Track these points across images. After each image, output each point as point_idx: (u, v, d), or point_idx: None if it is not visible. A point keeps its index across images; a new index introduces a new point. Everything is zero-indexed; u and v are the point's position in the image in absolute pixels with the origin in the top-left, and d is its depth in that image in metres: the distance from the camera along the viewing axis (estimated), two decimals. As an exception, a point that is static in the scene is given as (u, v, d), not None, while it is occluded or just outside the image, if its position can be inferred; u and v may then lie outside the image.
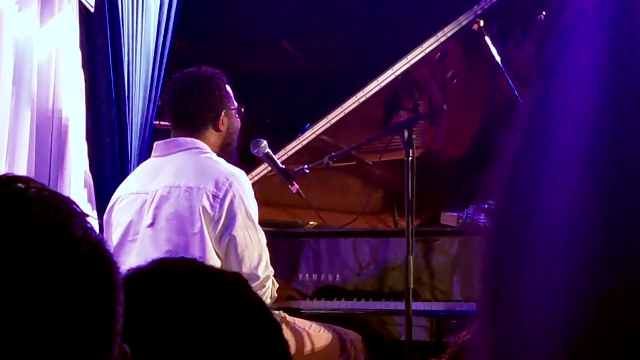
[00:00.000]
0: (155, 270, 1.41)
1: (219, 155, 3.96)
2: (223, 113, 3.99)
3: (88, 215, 1.08)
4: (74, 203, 1.08)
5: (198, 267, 1.43)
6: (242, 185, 3.85)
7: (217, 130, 3.99)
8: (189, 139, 3.94)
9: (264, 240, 3.89)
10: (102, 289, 1.03)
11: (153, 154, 4.04)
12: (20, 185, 1.04)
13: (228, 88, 4.06)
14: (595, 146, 0.74)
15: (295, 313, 4.43)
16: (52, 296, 0.99)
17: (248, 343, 1.36)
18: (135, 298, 1.33)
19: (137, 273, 1.40)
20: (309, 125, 4.98)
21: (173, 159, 3.92)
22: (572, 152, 0.74)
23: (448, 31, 4.96)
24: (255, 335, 1.38)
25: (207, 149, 3.93)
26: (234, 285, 1.42)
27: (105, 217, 4.00)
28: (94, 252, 1.04)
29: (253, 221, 3.84)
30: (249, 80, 4.29)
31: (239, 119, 4.08)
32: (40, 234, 1.01)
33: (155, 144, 4.06)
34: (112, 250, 1.09)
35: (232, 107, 4.04)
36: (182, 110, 3.99)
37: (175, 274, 1.40)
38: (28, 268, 0.98)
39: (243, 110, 4.12)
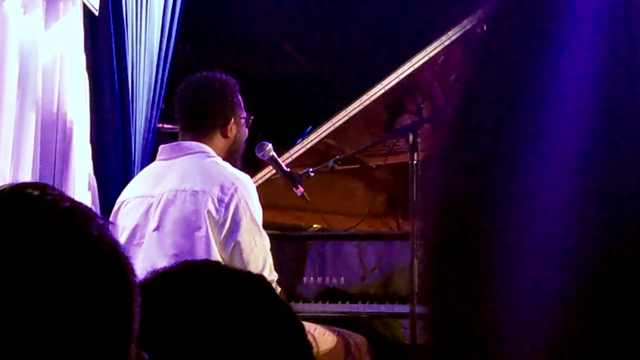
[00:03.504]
0: (182, 272, 1.40)
1: (224, 160, 3.96)
2: (232, 120, 3.98)
3: (104, 219, 1.08)
4: (90, 208, 1.09)
5: (224, 269, 1.44)
6: (247, 189, 3.84)
7: (225, 136, 3.98)
8: (194, 143, 3.93)
9: (268, 245, 3.88)
10: (118, 288, 1.04)
11: (158, 157, 4.03)
12: (36, 192, 1.05)
13: (239, 96, 4.05)
14: (590, 146, 0.74)
15: (300, 316, 4.42)
16: (68, 295, 0.99)
17: (274, 345, 1.37)
18: (162, 299, 1.34)
19: (163, 274, 1.40)
20: (309, 129, 4.98)
21: (178, 162, 3.91)
22: (567, 153, 0.74)
23: (452, 34, 4.96)
24: (281, 337, 1.38)
25: (213, 152, 3.92)
26: (260, 286, 1.42)
27: (111, 219, 3.99)
28: (110, 252, 1.04)
29: (258, 225, 3.83)
30: (252, 83, 4.29)
31: (246, 128, 4.07)
32: (57, 234, 1.01)
33: (161, 147, 4.05)
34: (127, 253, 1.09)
35: (242, 116, 4.03)
36: (192, 113, 3.97)
37: (202, 276, 1.40)
38: (44, 266, 0.99)
39: (252, 119, 4.10)
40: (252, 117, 4.10)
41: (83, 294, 1.00)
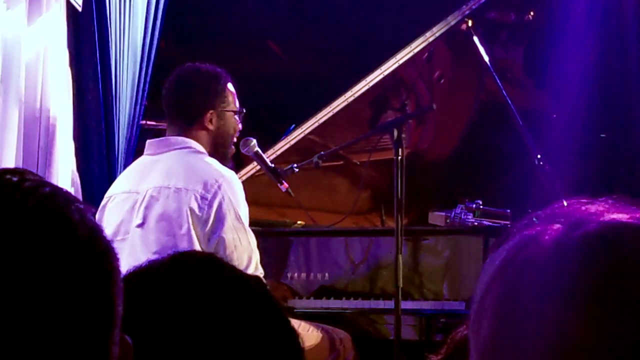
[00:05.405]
0: (168, 263, 1.40)
1: (212, 155, 3.92)
2: (210, 111, 3.94)
3: (85, 203, 1.08)
4: (70, 192, 1.08)
5: (213, 260, 1.43)
6: (231, 186, 3.81)
7: (203, 128, 3.94)
8: (180, 138, 3.91)
9: (254, 242, 3.85)
10: (99, 273, 1.03)
11: (145, 152, 4.01)
12: (15, 177, 1.04)
13: (230, 87, 4.00)
14: None
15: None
16: (48, 279, 0.98)
17: (261, 335, 1.36)
18: (148, 291, 1.34)
19: (149, 266, 1.39)
20: (293, 126, 4.98)
21: (164, 158, 3.89)
22: None
23: (436, 31, 4.96)
24: (269, 327, 1.38)
25: (200, 147, 3.89)
26: (253, 287, 1.42)
27: (97, 215, 3.97)
28: (91, 236, 1.03)
29: (242, 223, 3.81)
30: (235, 80, 4.28)
31: (238, 122, 4.02)
32: (37, 219, 1.00)
33: (148, 141, 4.03)
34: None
35: (226, 107, 3.98)
36: (173, 106, 3.96)
37: (189, 267, 1.39)
38: (24, 251, 0.98)
39: (243, 112, 4.05)
40: (244, 111, 4.05)
41: (64, 278, 0.99)
